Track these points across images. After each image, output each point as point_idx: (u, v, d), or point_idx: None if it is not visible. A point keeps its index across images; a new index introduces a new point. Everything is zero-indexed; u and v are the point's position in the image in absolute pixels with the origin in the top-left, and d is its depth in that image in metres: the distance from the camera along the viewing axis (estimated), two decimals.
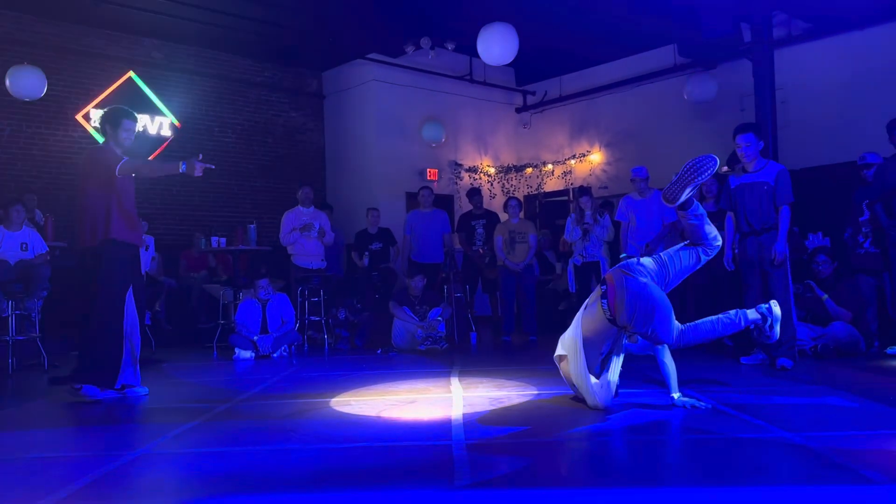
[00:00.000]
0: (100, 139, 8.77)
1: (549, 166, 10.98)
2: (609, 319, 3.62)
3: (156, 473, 2.81)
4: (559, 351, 3.90)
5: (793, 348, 5.08)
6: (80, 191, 4.53)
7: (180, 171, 4.35)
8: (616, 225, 7.44)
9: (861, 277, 6.01)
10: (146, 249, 7.61)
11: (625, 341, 3.79)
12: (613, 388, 3.75)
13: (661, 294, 3.62)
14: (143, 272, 7.45)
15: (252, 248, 7.81)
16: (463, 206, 10.27)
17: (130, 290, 4.51)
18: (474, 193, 8.78)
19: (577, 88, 10.67)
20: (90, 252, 4.44)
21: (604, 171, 10.43)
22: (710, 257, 3.82)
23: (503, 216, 8.20)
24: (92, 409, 4.23)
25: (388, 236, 8.33)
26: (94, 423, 3.82)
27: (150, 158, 9.06)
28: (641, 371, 4.94)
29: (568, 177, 10.73)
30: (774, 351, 5.02)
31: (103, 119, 4.70)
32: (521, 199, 10.06)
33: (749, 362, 5.28)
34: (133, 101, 8.96)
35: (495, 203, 10.43)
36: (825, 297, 5.82)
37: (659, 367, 3.72)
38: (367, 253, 8.12)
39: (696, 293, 6.72)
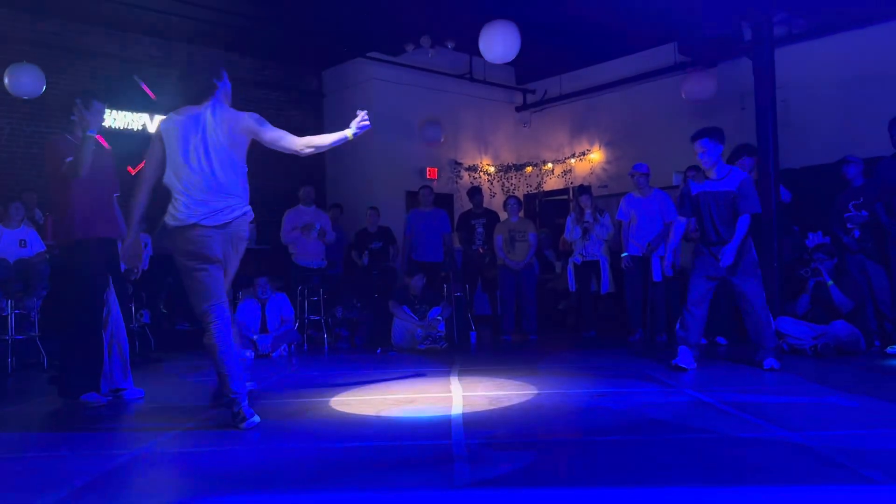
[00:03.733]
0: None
1: (549, 165, 10.98)
2: None
3: (155, 473, 2.81)
4: None
5: (779, 348, 5.14)
6: (49, 186, 4.31)
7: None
8: (617, 224, 7.44)
9: (858, 267, 6.01)
10: (144, 247, 7.61)
11: None
12: None
13: None
14: (141, 270, 7.47)
15: (252, 247, 7.79)
16: (463, 204, 10.27)
17: (112, 289, 4.29)
18: (475, 192, 8.77)
19: (577, 87, 10.66)
20: (64, 251, 4.29)
21: (604, 169, 10.42)
22: None
23: (503, 215, 8.20)
24: (91, 408, 4.22)
25: (387, 235, 8.32)
26: (93, 423, 3.82)
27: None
28: (640, 370, 4.95)
29: (568, 175, 10.73)
30: (760, 354, 5.01)
31: (72, 102, 4.44)
32: (521, 198, 10.05)
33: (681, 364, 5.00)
34: (133, 100, 8.96)
35: (495, 202, 10.42)
36: (831, 282, 5.80)
37: None
38: (366, 252, 8.12)
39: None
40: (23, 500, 2.42)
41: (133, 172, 8.91)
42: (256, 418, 3.40)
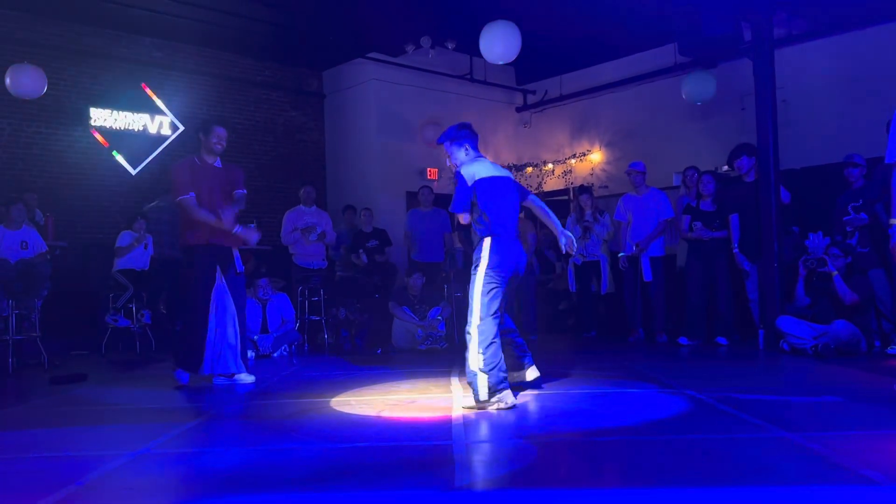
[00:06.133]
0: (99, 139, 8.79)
1: (550, 166, 10.97)
2: None
3: (155, 473, 2.81)
4: None
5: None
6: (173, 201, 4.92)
7: (229, 229, 4.78)
8: (616, 224, 7.44)
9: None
10: (145, 248, 7.62)
11: None
12: None
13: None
14: (140, 270, 7.48)
15: (252, 247, 7.78)
16: None
17: (225, 288, 4.85)
18: None
19: (577, 87, 10.66)
20: (182, 253, 4.98)
21: (604, 170, 10.42)
22: None
23: None
24: (92, 408, 4.23)
25: (383, 235, 8.33)
26: (94, 423, 3.82)
27: (149, 158, 9.06)
28: (641, 371, 4.95)
29: (568, 176, 10.73)
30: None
31: (196, 130, 5.08)
32: None
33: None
34: (133, 101, 8.97)
35: None
36: (835, 272, 5.77)
37: None
38: (361, 251, 8.10)
39: (696, 289, 6.72)
40: (23, 500, 2.42)
41: (133, 172, 8.93)
42: None
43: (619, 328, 7.50)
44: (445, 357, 6.31)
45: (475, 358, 3.78)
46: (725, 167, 7.81)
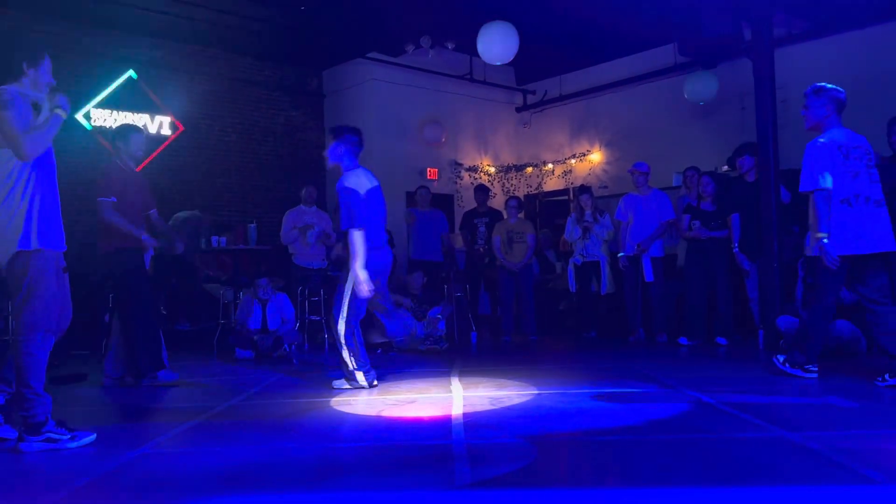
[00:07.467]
0: (88, 127, 8.73)
1: (550, 166, 10.98)
2: None
3: (155, 472, 2.81)
4: None
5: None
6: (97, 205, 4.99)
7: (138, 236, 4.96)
8: (616, 224, 7.44)
9: None
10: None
11: None
12: None
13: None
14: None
15: (252, 247, 7.79)
16: (465, 205, 10.26)
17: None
18: (480, 191, 8.68)
19: (577, 88, 10.66)
20: (106, 259, 5.00)
21: (604, 170, 10.42)
22: None
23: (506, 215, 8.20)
24: (91, 408, 4.23)
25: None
26: (93, 423, 3.82)
27: (149, 158, 9.06)
28: (641, 371, 4.95)
29: (568, 176, 10.73)
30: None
31: (113, 137, 5.19)
32: (522, 199, 10.04)
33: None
34: (133, 101, 8.96)
35: (495, 202, 10.40)
36: None
37: None
38: None
39: (695, 289, 6.72)
40: (23, 499, 2.42)
41: (138, 170, 8.91)
42: None
43: (619, 328, 7.50)
44: (445, 357, 6.31)
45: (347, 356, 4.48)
46: (725, 167, 7.80)
